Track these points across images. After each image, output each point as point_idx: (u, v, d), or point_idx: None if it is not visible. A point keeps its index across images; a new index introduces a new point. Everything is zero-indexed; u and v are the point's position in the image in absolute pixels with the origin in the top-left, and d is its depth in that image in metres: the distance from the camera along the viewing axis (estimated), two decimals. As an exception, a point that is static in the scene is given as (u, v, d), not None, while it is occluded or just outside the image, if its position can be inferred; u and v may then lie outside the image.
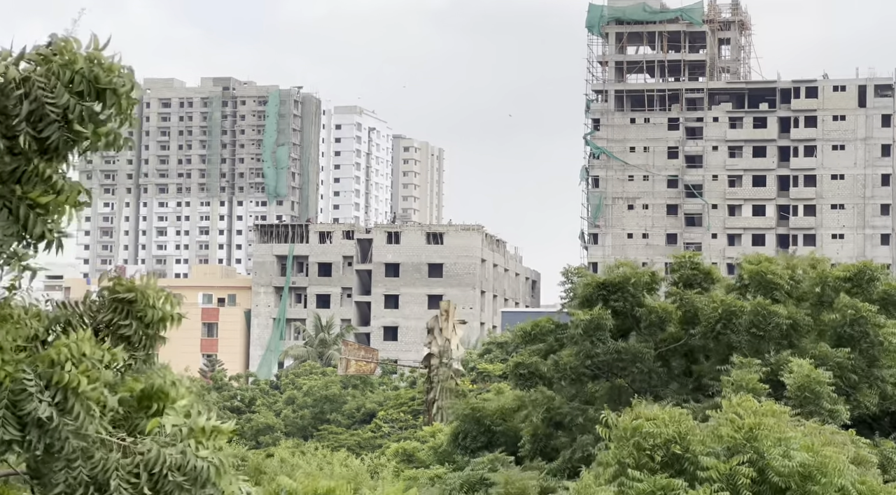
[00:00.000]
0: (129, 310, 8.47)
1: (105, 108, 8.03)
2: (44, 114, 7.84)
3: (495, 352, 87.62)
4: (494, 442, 36.05)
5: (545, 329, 36.11)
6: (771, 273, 33.93)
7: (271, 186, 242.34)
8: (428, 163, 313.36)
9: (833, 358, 32.34)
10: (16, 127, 7.82)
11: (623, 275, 34.35)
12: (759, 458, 20.87)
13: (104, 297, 8.57)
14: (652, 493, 20.15)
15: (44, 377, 7.72)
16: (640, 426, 21.22)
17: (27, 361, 7.77)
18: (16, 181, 7.92)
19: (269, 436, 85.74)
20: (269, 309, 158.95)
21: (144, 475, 7.79)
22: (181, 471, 7.84)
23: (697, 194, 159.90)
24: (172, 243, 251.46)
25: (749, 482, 20.60)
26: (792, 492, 20.71)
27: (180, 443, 7.90)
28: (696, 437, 21.22)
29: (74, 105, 7.89)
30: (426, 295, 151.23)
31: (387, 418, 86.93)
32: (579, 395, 34.50)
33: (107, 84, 8.00)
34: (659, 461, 20.86)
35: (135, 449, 7.89)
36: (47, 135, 7.87)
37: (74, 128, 7.92)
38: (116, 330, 8.44)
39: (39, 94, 7.84)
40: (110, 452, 7.83)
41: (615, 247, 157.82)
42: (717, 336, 32.74)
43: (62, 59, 7.90)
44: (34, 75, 7.86)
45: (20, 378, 7.64)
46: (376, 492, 14.14)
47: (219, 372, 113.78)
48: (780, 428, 21.53)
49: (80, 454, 7.73)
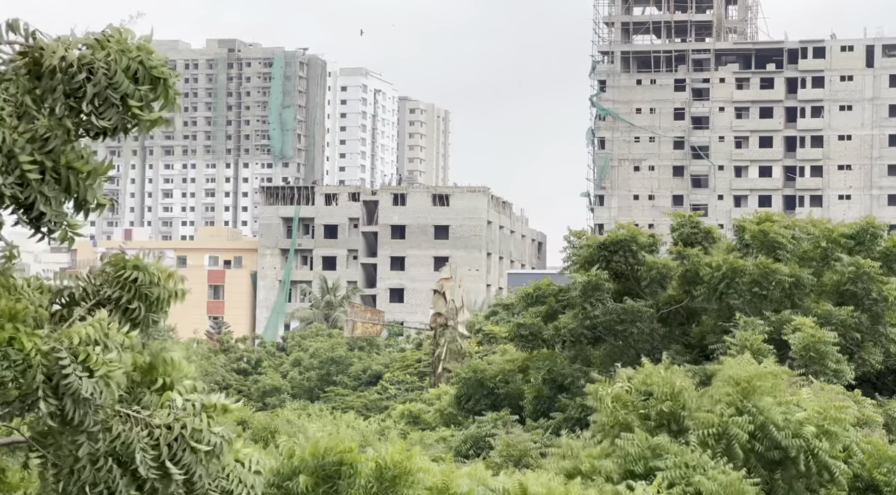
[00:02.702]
0: (133, 287, 8.70)
1: (155, 94, 8.37)
2: (107, 96, 8.15)
3: (501, 314, 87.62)
4: (498, 404, 36.18)
5: (547, 291, 36.17)
6: (773, 232, 33.86)
7: (277, 148, 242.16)
8: (434, 125, 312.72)
9: (836, 316, 32.32)
10: (80, 107, 8.11)
11: (623, 236, 34.33)
12: (759, 414, 20.80)
13: (108, 273, 8.73)
14: (644, 453, 20.11)
15: (72, 352, 7.94)
16: (630, 389, 21.19)
17: (54, 338, 7.96)
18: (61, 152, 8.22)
19: (276, 398, 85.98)
20: (275, 271, 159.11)
21: (165, 449, 8.03)
22: (202, 443, 8.10)
23: (703, 156, 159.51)
24: (178, 205, 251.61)
25: (745, 437, 20.53)
26: (793, 450, 20.66)
27: (194, 418, 8.11)
28: (691, 394, 21.14)
29: (134, 90, 8.23)
30: (432, 257, 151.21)
31: (393, 380, 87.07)
32: (579, 357, 34.56)
33: (159, 73, 8.33)
34: (654, 419, 20.80)
35: (152, 422, 8.06)
36: (108, 116, 8.19)
37: (133, 113, 8.25)
38: (120, 305, 8.67)
39: (102, 78, 8.12)
40: (126, 425, 8.01)
41: (621, 208, 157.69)
42: (720, 296, 32.70)
43: (118, 46, 8.20)
44: (96, 60, 8.14)
45: (55, 355, 7.88)
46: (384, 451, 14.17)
47: (225, 335, 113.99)
48: (779, 389, 21.49)
49: (101, 426, 7.95)
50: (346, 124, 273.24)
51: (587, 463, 19.21)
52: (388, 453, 14.34)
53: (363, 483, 14.01)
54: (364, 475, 13.97)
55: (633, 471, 19.99)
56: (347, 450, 13.82)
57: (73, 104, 8.12)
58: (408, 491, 14.25)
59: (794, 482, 20.84)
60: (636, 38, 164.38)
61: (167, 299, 8.85)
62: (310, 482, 13.80)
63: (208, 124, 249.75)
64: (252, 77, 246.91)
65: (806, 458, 20.55)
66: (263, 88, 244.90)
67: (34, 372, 7.84)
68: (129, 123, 8.28)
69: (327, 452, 13.79)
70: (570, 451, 20.02)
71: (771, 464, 20.89)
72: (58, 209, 8.21)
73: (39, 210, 8.12)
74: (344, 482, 13.80)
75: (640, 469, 19.91)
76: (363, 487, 14.06)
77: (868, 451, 22.31)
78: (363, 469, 13.95)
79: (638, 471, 19.90)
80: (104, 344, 8.00)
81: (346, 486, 13.81)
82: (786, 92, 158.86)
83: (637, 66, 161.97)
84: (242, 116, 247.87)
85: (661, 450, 20.05)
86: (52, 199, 8.15)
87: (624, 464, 20.10)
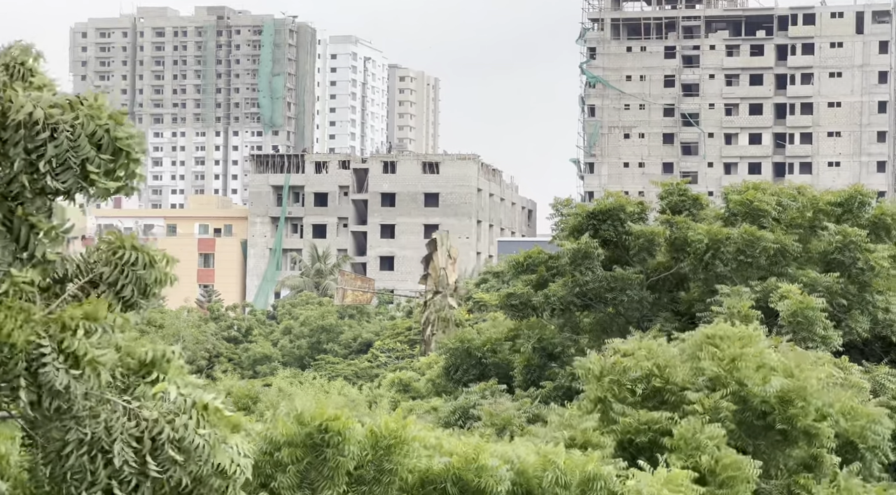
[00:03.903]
0: (128, 269, 8.73)
1: (116, 165, 8.32)
2: (66, 159, 8.12)
3: (491, 282, 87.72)
4: (486, 374, 36.16)
5: (537, 259, 36.16)
6: (758, 200, 33.87)
7: (267, 116, 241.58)
8: (424, 92, 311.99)
9: (822, 283, 32.40)
10: (38, 166, 8.09)
11: (611, 204, 34.34)
12: (741, 388, 20.98)
13: (103, 250, 8.79)
14: (636, 428, 20.23)
15: (55, 340, 7.93)
16: (617, 362, 21.30)
17: (41, 323, 7.95)
18: (18, 204, 8.21)
19: (267, 366, 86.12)
20: (265, 239, 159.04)
21: (149, 443, 8.02)
22: (179, 447, 8.04)
23: (694, 123, 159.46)
24: (168, 173, 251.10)
25: (731, 414, 20.71)
26: (773, 417, 20.86)
27: (182, 416, 8.08)
28: (677, 369, 21.27)
29: (94, 158, 8.19)
30: (422, 224, 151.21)
31: (383, 348, 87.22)
32: (569, 325, 34.60)
33: (124, 145, 8.30)
34: (640, 395, 20.93)
35: (139, 414, 8.06)
36: (63, 179, 8.15)
37: (90, 178, 8.21)
38: (114, 285, 8.68)
39: (65, 140, 8.10)
40: (114, 413, 8.00)
41: (611, 176, 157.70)
42: (706, 265, 32.76)
43: (89, 110, 8.19)
44: (62, 121, 8.11)
45: (36, 342, 7.88)
46: (376, 419, 14.19)
47: (215, 303, 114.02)
48: (759, 356, 21.62)
49: (88, 413, 7.95)
50: (336, 92, 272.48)
51: (581, 435, 19.26)
52: (382, 421, 14.35)
53: (355, 450, 14.04)
54: (353, 442, 13.98)
55: (632, 442, 20.10)
56: (332, 418, 13.84)
57: (33, 161, 8.08)
58: (403, 459, 14.29)
59: (776, 446, 21.07)
60: (626, 5, 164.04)
61: (159, 282, 8.85)
62: (296, 453, 13.83)
63: (197, 92, 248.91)
64: (241, 44, 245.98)
65: (786, 425, 20.79)
66: (253, 56, 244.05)
67: (17, 360, 7.84)
68: (86, 189, 8.22)
69: (312, 421, 13.81)
70: (569, 421, 20.06)
71: (753, 431, 21.10)
72: (4, 259, 8.16)
73: None
74: (331, 450, 13.83)
75: (644, 440, 20.01)
76: (357, 454, 14.09)
77: (841, 411, 22.54)
78: (351, 435, 13.97)
79: (641, 442, 20.00)
80: (94, 328, 7.98)
81: (334, 454, 13.84)
82: (776, 59, 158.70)
83: (627, 34, 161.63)
84: (232, 84, 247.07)
85: (654, 423, 20.14)
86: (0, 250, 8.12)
87: (621, 436, 20.19)
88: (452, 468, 14.54)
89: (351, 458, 14.04)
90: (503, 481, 14.76)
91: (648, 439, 20.14)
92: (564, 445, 18.90)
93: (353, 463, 14.03)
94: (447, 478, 14.55)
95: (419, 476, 14.44)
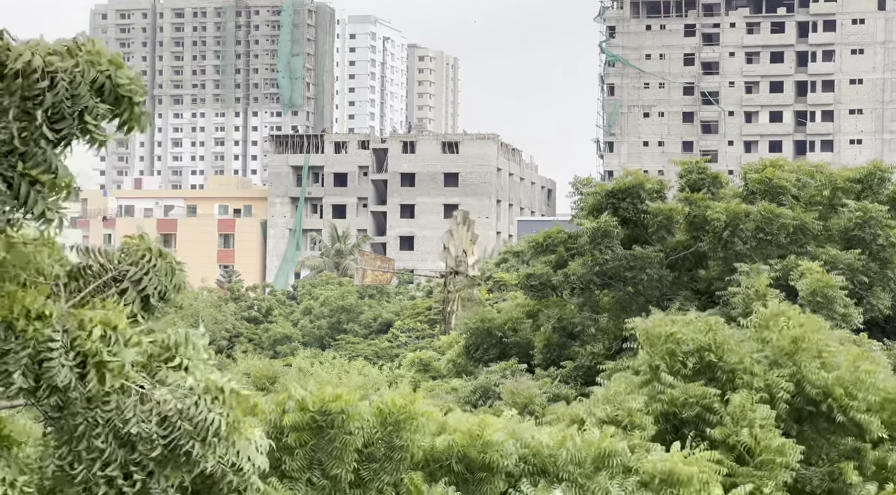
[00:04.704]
0: (151, 272, 8.67)
1: (118, 112, 8.13)
2: (63, 108, 7.93)
3: (511, 261, 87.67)
4: (507, 353, 36.16)
5: (556, 239, 36.10)
6: (776, 178, 33.74)
7: (286, 97, 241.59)
8: (443, 72, 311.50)
9: (843, 260, 32.26)
10: (33, 114, 7.91)
11: (630, 183, 34.24)
12: (798, 371, 20.84)
13: (129, 251, 8.74)
14: (685, 401, 20.14)
15: (70, 335, 7.87)
16: (675, 332, 21.15)
17: (58, 317, 7.89)
18: (18, 158, 8.02)
19: (287, 346, 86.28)
20: (285, 219, 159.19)
21: (155, 419, 7.94)
22: (192, 421, 7.97)
23: (714, 101, 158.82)
24: (188, 154, 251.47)
25: (788, 397, 20.55)
26: (826, 404, 20.67)
27: (195, 396, 8.03)
28: (732, 346, 21.10)
29: (93, 106, 8.00)
30: (442, 204, 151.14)
31: (403, 328, 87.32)
32: (588, 304, 34.54)
33: (125, 91, 8.12)
34: (691, 368, 20.79)
35: (151, 396, 8.01)
36: (60, 127, 7.96)
37: (88, 127, 8.03)
38: (138, 284, 8.63)
39: (63, 89, 7.92)
40: (128, 397, 7.96)
41: (631, 155, 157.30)
42: (725, 244, 32.65)
43: (88, 56, 7.98)
44: (60, 69, 7.93)
45: (47, 337, 7.80)
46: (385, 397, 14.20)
47: (236, 283, 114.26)
48: (823, 342, 21.47)
49: (99, 398, 7.90)
50: (355, 72, 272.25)
51: (626, 413, 19.13)
52: (389, 398, 14.35)
53: (363, 426, 14.03)
54: (358, 419, 13.98)
55: (677, 415, 20.02)
56: (332, 399, 13.85)
57: (29, 110, 7.91)
58: (412, 435, 14.28)
59: (822, 434, 20.91)
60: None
61: (177, 289, 8.81)
62: (303, 436, 13.85)
63: (217, 73, 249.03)
64: (260, 25, 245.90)
65: (840, 413, 20.57)
66: (272, 36, 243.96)
67: (23, 347, 7.81)
68: (80, 137, 8.03)
69: (313, 406, 13.82)
70: (613, 398, 19.90)
71: (800, 416, 20.95)
72: (4, 216, 8.01)
73: None
74: (335, 430, 13.84)
75: (691, 413, 19.92)
76: (365, 432, 14.09)
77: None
78: (355, 412, 13.96)
79: (687, 416, 19.92)
80: (112, 337, 7.94)
81: (339, 433, 13.84)
82: (797, 36, 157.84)
83: (646, 12, 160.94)
84: (251, 65, 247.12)
85: (704, 398, 20.03)
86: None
87: (667, 408, 20.11)
88: (456, 445, 14.52)
89: (359, 436, 14.04)
90: (510, 455, 14.71)
91: (696, 413, 20.05)
92: (604, 421, 18.88)
93: (361, 440, 14.02)
94: (452, 456, 14.53)
95: (423, 454, 14.44)
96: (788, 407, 20.57)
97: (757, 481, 18.65)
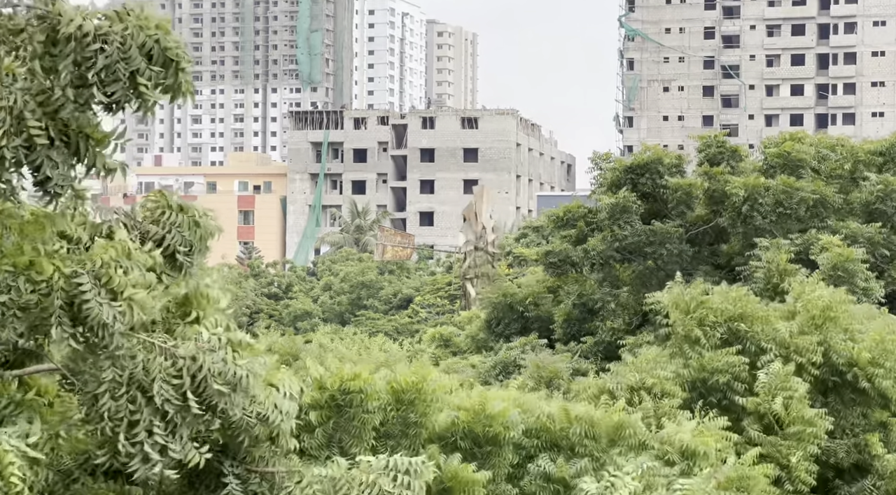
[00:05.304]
0: (173, 230, 8.79)
1: (167, 75, 8.26)
2: (115, 70, 8.07)
3: (531, 237, 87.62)
4: (528, 327, 36.16)
5: (576, 213, 36.02)
6: (795, 151, 33.56)
7: (305, 73, 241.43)
8: (462, 47, 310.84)
9: (864, 234, 32.10)
10: (87, 77, 8.05)
11: (649, 158, 34.13)
12: (825, 341, 20.80)
13: (151, 209, 8.87)
14: (715, 368, 20.11)
15: (94, 275, 7.96)
16: (705, 301, 21.14)
17: (76, 261, 7.96)
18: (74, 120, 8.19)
19: (307, 322, 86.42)
20: (304, 195, 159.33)
21: (188, 379, 8.06)
22: (222, 378, 8.09)
23: (734, 75, 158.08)
24: (207, 131, 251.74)
25: (819, 362, 20.50)
26: (852, 374, 20.62)
27: (220, 351, 8.13)
28: (759, 316, 21.08)
29: (145, 68, 8.14)
30: (462, 179, 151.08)
31: (423, 303, 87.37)
32: (608, 280, 34.49)
33: (173, 55, 8.24)
34: (719, 337, 20.78)
35: (176, 353, 8.09)
36: (112, 90, 8.10)
37: (140, 89, 8.16)
38: (160, 243, 8.74)
39: (116, 51, 8.04)
40: (151, 354, 8.04)
41: (650, 129, 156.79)
42: (744, 218, 32.52)
43: (137, 21, 8.12)
44: (111, 33, 8.05)
45: (75, 279, 7.89)
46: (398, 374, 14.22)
47: (255, 260, 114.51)
48: (850, 313, 21.44)
49: (126, 353, 7.97)
50: (374, 48, 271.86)
51: (658, 381, 19.14)
52: (402, 375, 14.35)
53: (378, 404, 14.03)
54: (376, 397, 13.99)
55: (706, 382, 20.02)
56: (351, 378, 13.86)
57: (82, 73, 8.06)
58: (427, 410, 14.29)
59: (848, 405, 20.85)
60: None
61: (203, 239, 8.89)
62: (322, 415, 13.85)
63: (236, 49, 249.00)
64: (279, 1, 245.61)
65: (866, 382, 20.52)
66: (291, 13, 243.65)
67: (54, 297, 7.87)
68: (132, 100, 8.18)
69: (332, 385, 13.82)
70: (643, 365, 19.91)
71: (826, 388, 20.90)
72: (65, 173, 8.17)
73: (46, 174, 8.10)
74: (355, 409, 13.85)
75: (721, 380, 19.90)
76: (381, 409, 14.09)
77: None
78: (373, 391, 13.97)
79: (714, 383, 19.92)
80: (127, 266, 8.00)
81: (359, 412, 13.85)
82: (818, 8, 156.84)
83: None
84: (270, 41, 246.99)
85: (733, 366, 20.02)
86: (59, 164, 8.13)
87: (696, 375, 20.10)
88: (460, 422, 14.52)
89: (377, 414, 14.05)
90: (516, 425, 14.70)
91: (724, 381, 20.03)
92: (633, 389, 18.90)
93: (378, 419, 14.04)
94: (456, 433, 14.54)
95: (427, 433, 14.44)
96: (815, 378, 20.52)
97: (784, 451, 18.64)
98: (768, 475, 16.02)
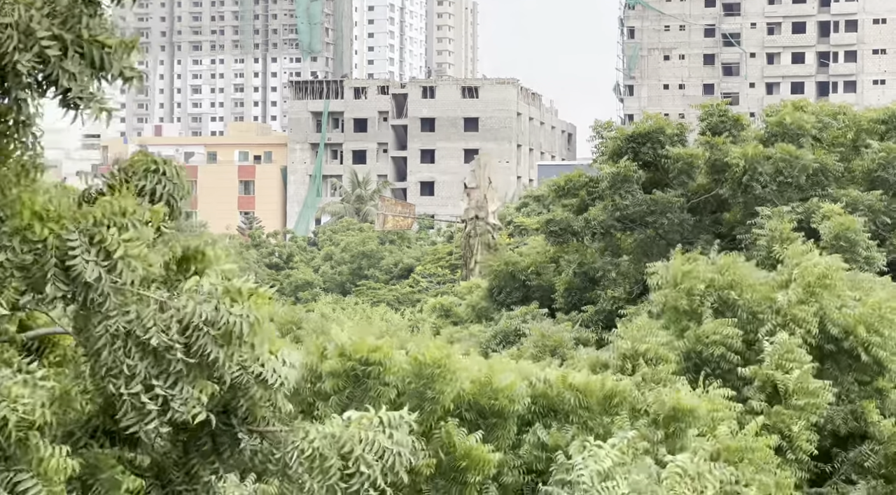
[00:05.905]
0: (164, 180, 8.81)
1: None
2: None
3: (532, 206, 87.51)
4: (530, 296, 36.21)
5: (578, 183, 36.01)
6: (795, 119, 33.47)
7: (305, 42, 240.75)
8: (462, 16, 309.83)
9: (865, 202, 32.06)
10: None
11: (650, 127, 34.08)
12: (821, 309, 20.76)
13: (135, 166, 8.87)
14: (709, 340, 20.10)
15: (86, 234, 7.90)
16: (692, 270, 21.09)
17: (71, 219, 7.92)
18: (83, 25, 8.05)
19: (308, 292, 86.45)
20: (305, 165, 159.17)
21: (175, 326, 7.94)
22: (214, 326, 7.96)
23: (735, 43, 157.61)
24: (207, 101, 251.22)
25: (815, 330, 20.47)
26: (848, 342, 20.60)
27: (214, 300, 8.01)
28: (749, 284, 21.01)
29: None
30: (462, 149, 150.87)
31: (424, 273, 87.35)
32: (609, 249, 34.51)
33: None
34: (709, 306, 20.75)
35: (171, 304, 8.02)
36: None
37: None
38: (153, 195, 8.73)
39: None
40: (147, 307, 7.97)
41: (651, 98, 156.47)
42: (745, 188, 32.49)
43: None
44: None
45: (65, 237, 7.84)
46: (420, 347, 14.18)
47: (256, 230, 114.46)
48: (847, 280, 21.39)
49: (118, 308, 7.91)
50: (374, 17, 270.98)
51: (653, 348, 19.11)
52: (426, 350, 14.32)
53: (398, 378, 14.04)
54: (394, 371, 13.99)
55: (700, 353, 20.00)
56: (373, 349, 13.86)
57: None
58: (446, 387, 14.26)
59: (843, 373, 20.85)
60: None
61: (182, 197, 8.89)
62: (339, 383, 13.87)
63: (236, 19, 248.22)
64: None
65: (863, 351, 20.49)
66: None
67: (48, 256, 7.86)
68: None
69: (354, 354, 13.82)
70: (635, 333, 19.84)
71: (822, 355, 20.89)
72: (83, 84, 8.02)
73: (64, 86, 7.94)
74: (372, 381, 13.86)
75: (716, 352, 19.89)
76: (401, 382, 14.11)
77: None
78: (393, 364, 13.97)
79: (708, 355, 19.91)
80: (122, 223, 7.98)
81: (376, 384, 13.86)
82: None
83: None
84: (270, 10, 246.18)
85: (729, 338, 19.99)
86: (76, 75, 7.97)
87: (690, 346, 20.08)
88: (465, 394, 14.52)
89: (393, 388, 14.06)
90: (522, 398, 14.68)
91: (720, 352, 20.04)
92: (626, 356, 18.89)
93: (393, 393, 14.05)
94: (462, 405, 14.53)
95: (440, 409, 14.44)
96: (810, 346, 20.51)
97: (787, 420, 18.66)
98: (770, 445, 16.03)
